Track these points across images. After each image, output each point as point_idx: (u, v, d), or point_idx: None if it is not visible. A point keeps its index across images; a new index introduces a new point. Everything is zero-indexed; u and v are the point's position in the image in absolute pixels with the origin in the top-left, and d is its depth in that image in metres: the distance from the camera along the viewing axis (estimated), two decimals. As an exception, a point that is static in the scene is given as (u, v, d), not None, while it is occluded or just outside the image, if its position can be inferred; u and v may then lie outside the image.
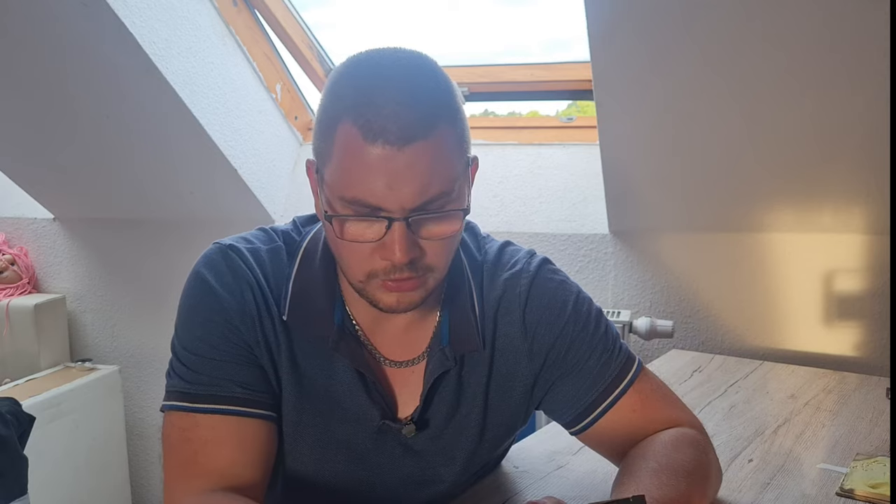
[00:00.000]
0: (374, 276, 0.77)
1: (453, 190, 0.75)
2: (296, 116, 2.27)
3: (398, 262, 0.74)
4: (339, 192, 0.74)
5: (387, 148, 0.70)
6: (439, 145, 0.73)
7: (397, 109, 0.71)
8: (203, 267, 0.85)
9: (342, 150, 0.73)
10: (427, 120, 0.72)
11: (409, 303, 0.79)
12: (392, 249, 0.74)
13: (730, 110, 1.53)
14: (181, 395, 0.82)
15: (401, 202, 0.72)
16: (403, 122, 0.70)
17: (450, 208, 0.75)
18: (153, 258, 2.40)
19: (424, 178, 0.72)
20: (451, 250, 0.80)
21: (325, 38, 2.20)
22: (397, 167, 0.71)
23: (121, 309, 2.50)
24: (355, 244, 0.75)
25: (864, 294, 1.70)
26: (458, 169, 0.76)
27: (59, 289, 2.55)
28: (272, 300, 0.85)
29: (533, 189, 2.01)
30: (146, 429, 2.49)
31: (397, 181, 0.71)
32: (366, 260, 0.76)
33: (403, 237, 0.73)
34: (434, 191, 0.73)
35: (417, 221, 0.74)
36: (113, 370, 2.34)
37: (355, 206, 0.73)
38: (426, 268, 0.77)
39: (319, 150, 0.77)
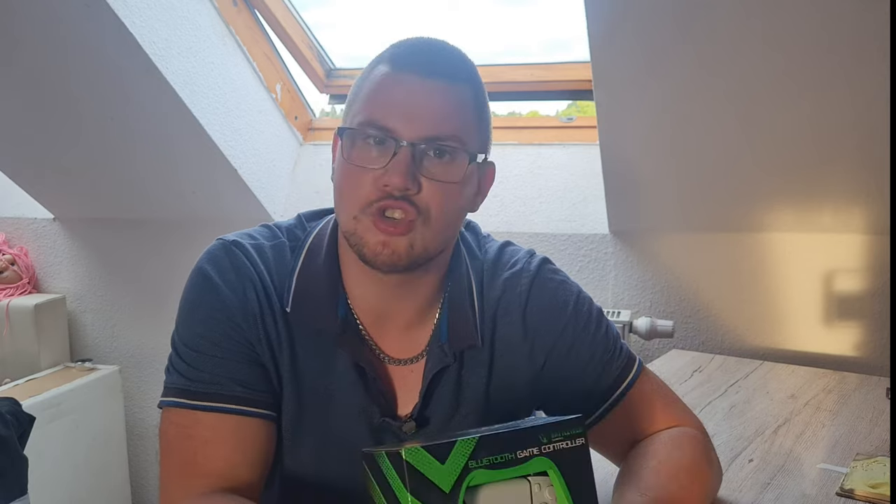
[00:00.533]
0: (368, 209, 0.77)
1: (463, 142, 0.79)
2: (296, 116, 2.27)
3: (396, 185, 0.76)
4: (358, 118, 0.79)
5: (412, 77, 0.78)
6: (460, 93, 0.80)
7: (430, 54, 0.80)
8: (206, 263, 0.85)
9: (371, 84, 0.80)
10: (454, 69, 0.80)
11: (394, 250, 0.78)
12: (393, 172, 0.76)
13: (729, 110, 1.53)
14: (181, 392, 0.82)
15: (412, 130, 0.77)
16: (433, 62, 0.79)
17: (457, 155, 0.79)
18: (153, 258, 2.40)
19: (437, 113, 0.78)
20: (446, 203, 0.79)
21: (325, 38, 2.20)
22: (417, 93, 0.77)
23: (121, 309, 2.50)
24: (359, 171, 0.78)
25: (864, 294, 1.70)
26: (471, 129, 0.81)
27: (59, 289, 2.55)
28: (275, 296, 0.85)
29: (533, 189, 2.01)
30: (146, 429, 2.49)
31: (414, 107, 0.77)
32: (364, 189, 0.78)
33: (406, 162, 0.76)
34: (444, 129, 0.78)
35: (423, 154, 0.77)
36: (113, 370, 2.34)
37: (367, 127, 0.78)
38: (419, 210, 0.77)
39: (348, 105, 0.83)
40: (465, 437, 0.59)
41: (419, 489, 0.57)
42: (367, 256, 0.79)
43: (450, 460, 0.58)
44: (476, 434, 0.60)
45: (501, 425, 0.67)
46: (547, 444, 0.62)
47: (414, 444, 0.58)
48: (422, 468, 0.57)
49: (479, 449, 0.59)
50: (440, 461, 0.57)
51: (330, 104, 2.37)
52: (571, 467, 0.63)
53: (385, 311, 0.87)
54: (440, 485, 0.57)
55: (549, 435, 0.62)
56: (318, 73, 2.23)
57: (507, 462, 0.60)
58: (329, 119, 2.36)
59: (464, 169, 0.79)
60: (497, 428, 0.65)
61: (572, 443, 0.63)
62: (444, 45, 0.83)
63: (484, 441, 0.59)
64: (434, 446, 0.58)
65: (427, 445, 0.58)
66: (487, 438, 0.59)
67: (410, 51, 0.81)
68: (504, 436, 0.61)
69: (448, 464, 0.58)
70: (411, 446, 0.57)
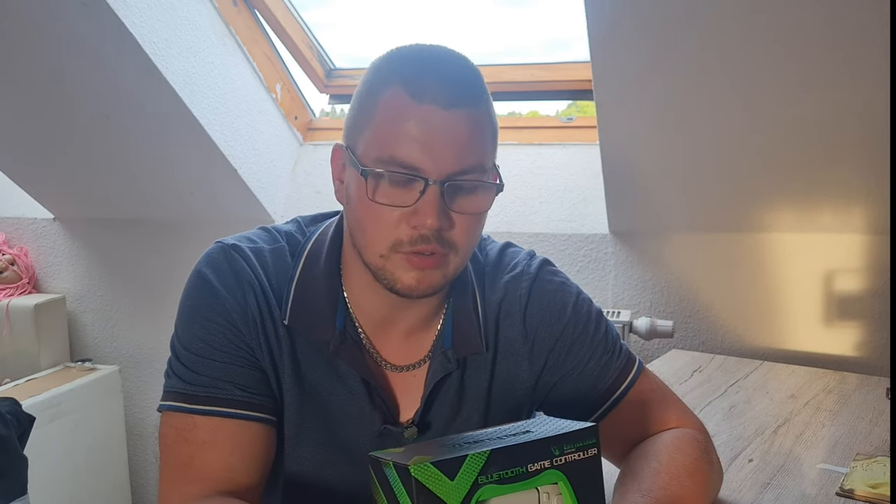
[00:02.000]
0: (398, 248, 0.76)
1: (486, 169, 0.78)
2: (296, 116, 2.27)
3: (429, 226, 0.74)
4: (377, 153, 0.75)
5: (433, 108, 0.73)
6: (480, 119, 0.76)
7: (445, 78, 0.75)
8: (205, 266, 0.84)
9: (387, 111, 0.75)
10: (471, 92, 0.76)
11: (429, 284, 0.78)
12: (424, 213, 0.74)
13: (729, 111, 1.53)
14: (180, 396, 0.82)
15: (438, 166, 0.74)
16: (451, 88, 0.74)
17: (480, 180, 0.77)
18: (153, 258, 2.40)
19: (463, 146, 0.75)
20: (475, 233, 0.80)
21: (325, 38, 2.20)
22: (440, 128, 0.73)
23: (121, 309, 2.50)
24: (385, 209, 0.75)
25: (864, 294, 1.70)
26: (491, 152, 0.79)
27: (59, 289, 2.55)
28: (274, 302, 0.84)
29: (533, 189, 2.01)
30: (146, 429, 2.50)
31: (438, 142, 0.73)
32: (392, 228, 0.76)
33: (436, 202, 0.74)
34: (470, 161, 0.75)
35: (451, 190, 0.75)
36: (113, 370, 2.34)
37: (392, 165, 0.74)
38: (450, 245, 0.77)
39: (356, 123, 0.78)
40: (475, 451, 0.57)
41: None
42: (402, 291, 0.78)
43: (459, 476, 0.57)
44: (487, 448, 0.58)
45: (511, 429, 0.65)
46: (559, 457, 0.60)
47: (423, 457, 0.57)
48: (430, 485, 0.56)
49: (489, 464, 0.58)
50: (449, 478, 0.56)
51: (330, 104, 2.37)
52: (582, 478, 0.62)
53: (388, 318, 0.86)
54: (448, 501, 0.56)
55: (562, 447, 0.61)
56: (318, 73, 2.23)
57: (518, 476, 0.59)
58: (329, 119, 2.36)
59: (491, 198, 0.79)
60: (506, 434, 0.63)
61: (585, 454, 0.62)
62: (453, 57, 0.79)
63: (495, 455, 0.58)
64: (444, 462, 0.56)
65: (437, 462, 0.56)
66: (499, 453, 0.58)
67: (425, 73, 0.75)
68: (516, 449, 0.59)
69: (457, 480, 0.57)
70: (420, 462, 0.56)
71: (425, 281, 0.77)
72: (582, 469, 0.61)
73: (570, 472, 0.61)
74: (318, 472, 0.88)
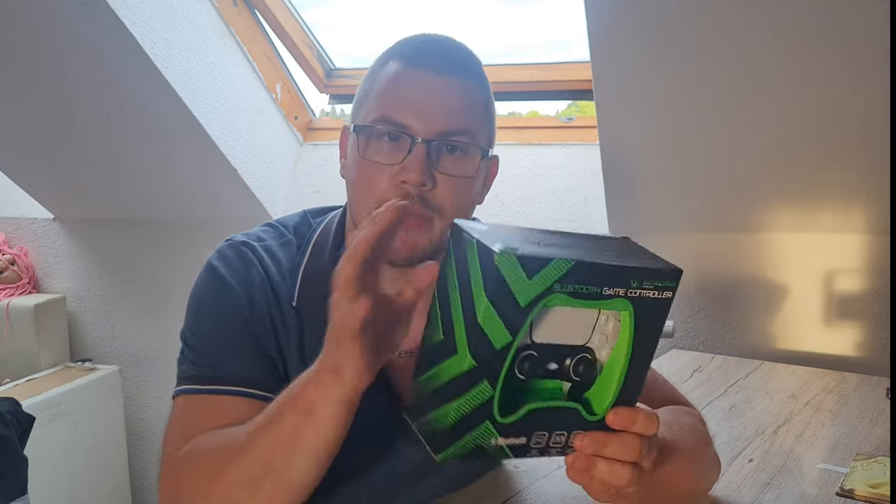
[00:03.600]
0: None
1: (475, 137, 0.81)
2: (296, 116, 2.27)
3: (413, 181, 0.78)
4: (372, 115, 0.80)
5: (426, 74, 0.79)
6: (471, 90, 0.81)
7: (441, 50, 0.82)
8: (215, 260, 0.87)
9: (383, 80, 0.81)
10: (465, 66, 0.82)
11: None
12: (410, 169, 0.78)
13: (730, 111, 1.53)
14: (191, 379, 0.84)
15: (427, 126, 0.78)
16: (444, 58, 0.81)
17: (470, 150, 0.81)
18: (153, 258, 2.40)
19: (452, 109, 0.79)
20: (462, 198, 0.83)
21: (325, 38, 2.20)
22: (432, 91, 0.79)
23: (121, 309, 2.50)
24: (374, 166, 0.79)
25: (864, 294, 1.70)
26: (482, 125, 0.82)
27: (59, 289, 2.55)
28: (283, 293, 0.87)
29: (533, 189, 2.01)
30: (146, 429, 2.49)
31: (428, 104, 0.78)
32: (380, 185, 0.79)
33: (422, 159, 0.78)
34: (459, 125, 0.79)
35: (438, 150, 0.79)
36: (113, 370, 2.34)
37: (383, 124, 0.79)
38: (435, 207, 0.80)
39: (359, 101, 0.83)
40: (561, 257, 0.55)
41: (497, 295, 0.54)
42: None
43: (538, 277, 0.54)
44: (572, 258, 0.55)
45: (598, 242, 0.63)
46: (635, 289, 0.58)
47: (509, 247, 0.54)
48: (508, 276, 0.53)
49: (569, 274, 0.55)
50: (528, 276, 0.54)
51: (330, 104, 2.37)
52: (648, 316, 0.60)
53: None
54: (518, 298, 0.54)
55: (642, 281, 0.58)
56: (318, 73, 2.23)
57: (590, 295, 0.57)
58: (329, 119, 2.36)
59: (476, 163, 0.82)
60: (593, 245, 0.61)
61: (659, 294, 0.59)
62: (453, 41, 0.85)
63: (577, 268, 0.55)
64: (529, 258, 0.54)
65: (521, 256, 0.53)
66: (582, 266, 0.56)
67: (422, 47, 0.82)
68: (598, 268, 0.57)
69: (535, 280, 0.54)
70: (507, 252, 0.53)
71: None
72: (651, 307, 0.59)
73: (639, 305, 0.59)
74: None
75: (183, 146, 2.02)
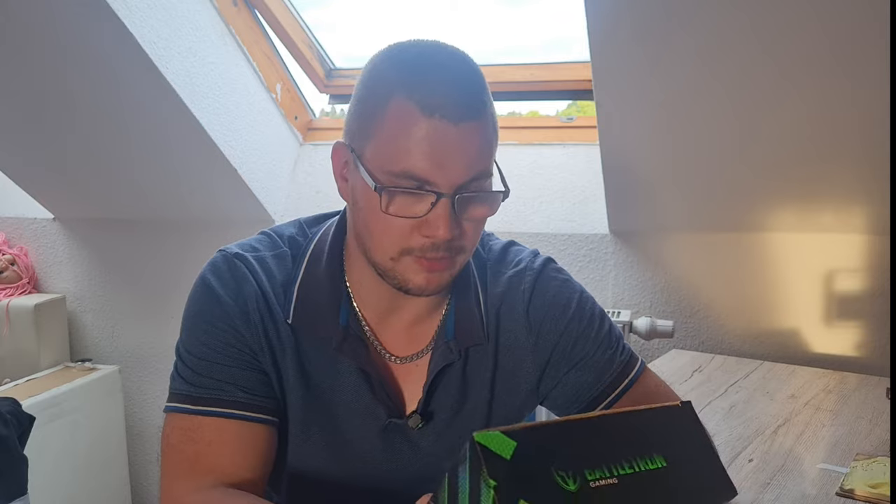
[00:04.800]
0: (408, 254, 0.78)
1: (492, 173, 0.79)
2: (296, 116, 2.27)
3: (441, 238, 0.76)
4: (387, 166, 0.75)
5: (443, 122, 0.73)
6: (486, 126, 0.77)
7: (451, 88, 0.75)
8: (208, 273, 0.86)
9: (395, 123, 0.75)
10: (477, 100, 0.76)
11: (438, 284, 0.80)
12: (437, 225, 0.75)
13: (730, 110, 1.53)
14: (185, 398, 0.83)
15: (449, 178, 0.75)
16: (458, 100, 0.74)
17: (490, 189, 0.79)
18: (153, 258, 2.40)
19: (472, 156, 0.76)
20: (480, 233, 0.83)
21: (325, 38, 2.20)
22: (450, 142, 0.74)
23: (121, 309, 2.50)
24: (396, 219, 0.76)
25: (864, 294, 1.70)
26: (494, 154, 0.80)
27: (59, 289, 2.55)
28: (277, 306, 0.85)
29: (533, 189, 2.01)
30: (146, 429, 2.49)
31: (449, 156, 0.74)
32: (404, 236, 0.77)
33: (448, 214, 0.75)
34: (478, 169, 0.76)
35: (462, 200, 0.76)
36: (113, 370, 2.34)
37: (403, 179, 0.75)
38: (459, 248, 0.79)
39: (361, 128, 0.78)
40: None
41: None
42: (413, 291, 0.80)
43: None
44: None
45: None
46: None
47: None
48: None
49: None
50: None
51: (330, 104, 2.37)
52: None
53: (392, 309, 0.88)
54: None
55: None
56: (318, 73, 2.23)
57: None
58: (329, 119, 2.36)
59: (498, 202, 0.80)
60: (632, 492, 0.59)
61: None
62: (460, 67, 0.78)
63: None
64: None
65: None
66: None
67: (435, 86, 0.74)
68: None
69: None
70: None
71: (434, 281, 0.80)
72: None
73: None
74: (325, 468, 0.89)
75: (183, 146, 2.02)
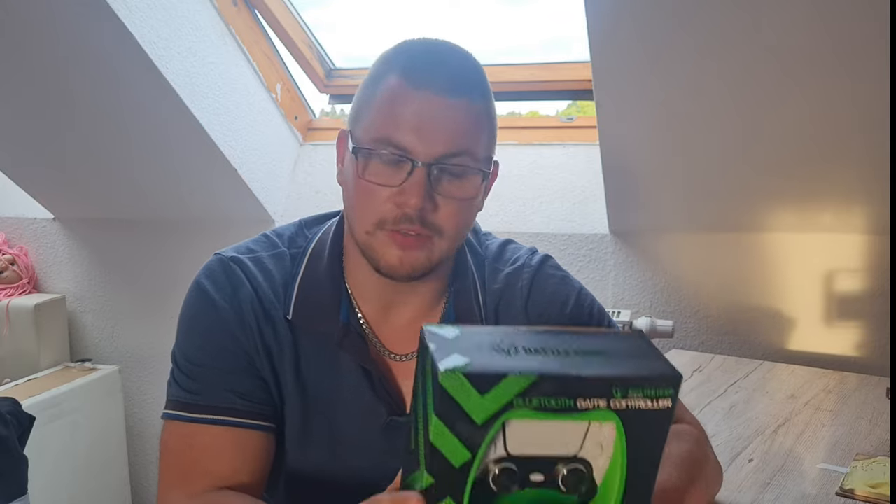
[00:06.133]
0: (383, 226, 0.78)
1: (477, 158, 0.79)
2: (296, 116, 2.27)
3: (412, 206, 0.76)
4: (372, 134, 0.78)
5: (428, 94, 0.76)
6: (473, 108, 0.78)
7: (442, 68, 0.78)
8: (203, 278, 0.86)
9: (384, 96, 0.78)
10: (466, 83, 0.78)
11: (411, 264, 0.80)
12: (409, 193, 0.76)
13: (730, 110, 1.53)
14: (182, 405, 0.84)
15: (427, 149, 0.76)
16: (446, 78, 0.77)
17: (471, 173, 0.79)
18: (153, 258, 2.40)
19: (454, 131, 0.77)
20: (462, 218, 0.82)
21: (325, 38, 2.20)
22: (432, 113, 0.76)
23: (121, 309, 2.50)
24: (373, 187, 0.78)
25: (864, 294, 1.70)
26: (484, 143, 0.80)
27: (59, 289, 2.55)
28: (275, 305, 0.86)
29: (533, 189, 2.01)
30: (146, 429, 2.49)
31: (429, 126, 0.76)
32: (379, 205, 0.78)
33: (422, 183, 0.76)
34: (459, 146, 0.77)
35: (438, 174, 0.77)
36: (113, 370, 2.34)
37: (384, 145, 0.77)
38: (435, 227, 0.79)
39: (357, 110, 0.81)
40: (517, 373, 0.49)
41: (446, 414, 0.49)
42: (384, 270, 0.80)
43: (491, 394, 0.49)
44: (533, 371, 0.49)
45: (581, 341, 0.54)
46: (619, 399, 0.50)
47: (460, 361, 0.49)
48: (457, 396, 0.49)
49: (531, 388, 0.49)
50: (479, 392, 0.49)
51: (330, 104, 2.37)
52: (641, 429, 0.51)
53: (391, 306, 0.88)
54: (473, 415, 0.49)
55: (626, 390, 0.50)
56: (318, 73, 2.23)
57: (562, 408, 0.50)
58: (329, 119, 2.36)
59: (477, 185, 0.80)
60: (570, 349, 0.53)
61: (654, 403, 0.51)
62: (454, 51, 0.81)
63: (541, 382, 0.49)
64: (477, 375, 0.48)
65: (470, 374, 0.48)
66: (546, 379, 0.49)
67: (425, 64, 0.78)
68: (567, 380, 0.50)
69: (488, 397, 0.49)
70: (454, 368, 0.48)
71: (407, 261, 0.79)
72: (645, 419, 0.51)
73: (627, 417, 0.50)
74: (325, 468, 0.89)
75: (183, 146, 2.02)
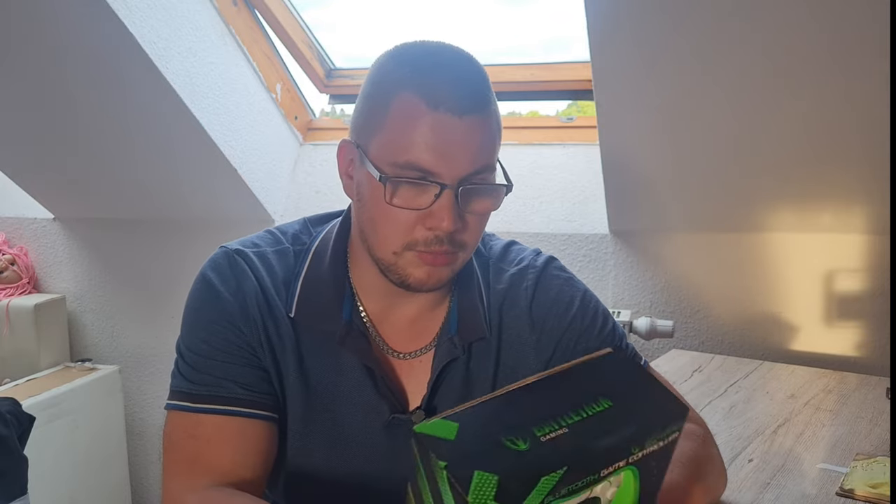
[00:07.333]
0: (411, 248, 0.79)
1: (495, 168, 0.81)
2: (296, 116, 2.27)
3: (445, 230, 0.77)
4: (392, 158, 0.77)
5: (448, 115, 0.75)
6: (489, 122, 0.78)
7: (456, 83, 0.77)
8: (209, 270, 0.87)
9: (401, 116, 0.76)
10: (481, 96, 0.78)
11: (438, 279, 0.81)
12: (440, 217, 0.77)
13: (730, 110, 1.53)
14: (185, 395, 0.84)
15: (453, 170, 0.76)
16: (463, 94, 0.76)
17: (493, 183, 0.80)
18: (153, 258, 2.40)
19: (476, 149, 0.77)
20: (482, 230, 0.84)
21: (325, 38, 2.20)
22: (455, 135, 0.76)
23: (121, 309, 2.50)
24: (400, 211, 0.78)
25: (864, 294, 1.70)
26: (498, 149, 0.81)
27: (59, 289, 2.55)
28: (277, 302, 0.86)
29: (533, 189, 2.01)
30: (146, 429, 2.49)
31: (452, 148, 0.76)
32: (407, 229, 0.78)
33: (451, 206, 0.77)
34: (482, 162, 0.78)
35: (466, 192, 0.78)
36: (113, 370, 2.34)
37: (407, 170, 0.76)
38: (460, 244, 0.80)
39: (367, 124, 0.80)
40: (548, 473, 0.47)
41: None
42: (413, 285, 0.81)
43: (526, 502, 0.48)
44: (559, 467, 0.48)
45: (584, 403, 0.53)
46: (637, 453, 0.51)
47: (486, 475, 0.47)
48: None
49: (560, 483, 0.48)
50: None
51: (330, 104, 2.37)
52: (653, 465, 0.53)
53: (395, 305, 0.88)
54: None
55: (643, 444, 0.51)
56: (318, 73, 2.23)
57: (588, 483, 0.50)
58: (329, 119, 2.36)
59: (501, 197, 0.82)
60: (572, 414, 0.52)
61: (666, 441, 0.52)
62: (462, 61, 0.80)
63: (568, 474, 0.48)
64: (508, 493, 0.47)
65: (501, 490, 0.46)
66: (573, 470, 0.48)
67: (440, 82, 0.76)
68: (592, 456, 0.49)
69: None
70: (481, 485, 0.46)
71: (435, 275, 0.81)
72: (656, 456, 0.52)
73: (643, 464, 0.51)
74: (326, 464, 0.89)
75: (183, 146, 2.02)
